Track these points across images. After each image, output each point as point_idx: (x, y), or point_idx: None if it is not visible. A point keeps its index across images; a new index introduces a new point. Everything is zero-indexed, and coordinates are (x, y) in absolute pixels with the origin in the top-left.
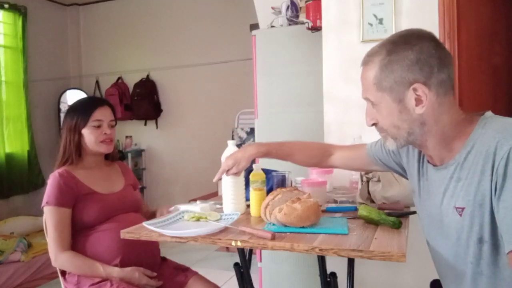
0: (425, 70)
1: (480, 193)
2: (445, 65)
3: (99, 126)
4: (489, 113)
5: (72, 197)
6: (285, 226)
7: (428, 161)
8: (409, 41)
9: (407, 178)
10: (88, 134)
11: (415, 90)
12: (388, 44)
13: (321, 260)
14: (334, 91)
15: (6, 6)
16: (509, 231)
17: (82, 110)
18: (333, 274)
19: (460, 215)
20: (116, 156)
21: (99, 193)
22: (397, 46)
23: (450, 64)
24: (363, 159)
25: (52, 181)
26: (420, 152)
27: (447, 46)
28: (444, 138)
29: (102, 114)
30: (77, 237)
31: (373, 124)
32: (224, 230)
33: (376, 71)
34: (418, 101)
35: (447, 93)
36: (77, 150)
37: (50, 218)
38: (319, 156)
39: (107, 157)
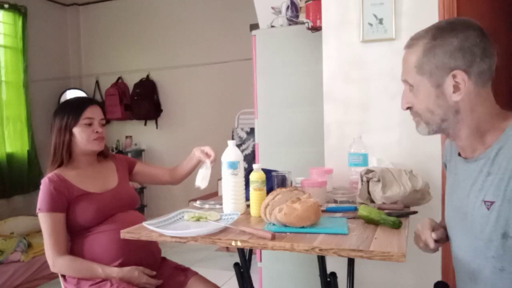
0: (467, 58)
1: (510, 189)
2: (488, 56)
3: (90, 124)
4: None
5: (64, 201)
6: (285, 226)
7: (459, 154)
8: (456, 28)
9: None
10: (79, 133)
11: (454, 76)
12: (434, 29)
13: (321, 260)
14: (334, 91)
15: (6, 6)
16: None
17: (72, 109)
18: (333, 274)
19: (488, 208)
20: (108, 153)
21: (92, 193)
22: (443, 31)
23: (494, 56)
24: None
25: (43, 187)
26: (451, 150)
27: None
28: (477, 129)
29: (93, 113)
30: (75, 240)
31: (408, 108)
32: (224, 230)
33: (419, 54)
34: (456, 88)
35: (485, 84)
36: (68, 150)
37: (44, 224)
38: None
39: (99, 154)
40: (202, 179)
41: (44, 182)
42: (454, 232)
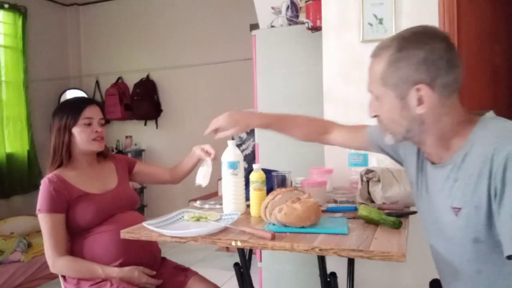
0: (431, 71)
1: (477, 195)
2: (453, 68)
3: (89, 124)
4: (490, 114)
5: (64, 202)
6: (285, 226)
7: (427, 158)
8: (421, 39)
9: (401, 165)
10: (79, 133)
11: (418, 90)
12: (400, 39)
13: (321, 260)
14: (334, 91)
15: (6, 6)
16: (509, 237)
17: (71, 109)
18: (333, 274)
19: (456, 215)
20: (107, 154)
21: (92, 194)
22: (408, 43)
23: (459, 67)
24: (363, 141)
25: (42, 188)
26: (417, 151)
27: None
28: (442, 137)
29: (92, 112)
30: (75, 241)
31: (375, 116)
32: (224, 230)
33: (384, 66)
34: (420, 101)
35: (451, 95)
36: (68, 151)
37: (44, 225)
38: (318, 132)
39: (99, 155)
40: (203, 177)
41: (44, 183)
42: (431, 235)
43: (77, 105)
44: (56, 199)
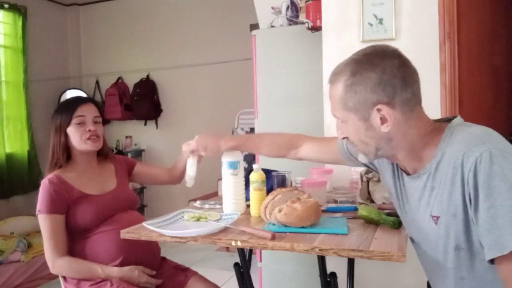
0: (387, 90)
1: (453, 203)
2: (409, 84)
3: (82, 123)
4: (456, 120)
5: (64, 203)
6: (285, 226)
7: (402, 169)
8: (372, 61)
9: (376, 172)
10: (73, 133)
11: (379, 110)
12: (352, 63)
13: (321, 260)
14: None
15: (6, 6)
16: (488, 241)
17: (65, 109)
18: (333, 274)
19: (436, 223)
20: (107, 153)
21: (91, 195)
22: (361, 66)
23: (415, 81)
24: (334, 153)
25: (42, 188)
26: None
27: (447, 46)
28: (412, 149)
29: (84, 111)
30: (75, 242)
31: (344, 138)
32: (224, 230)
33: (341, 91)
34: (383, 120)
35: (413, 109)
36: (65, 152)
37: (44, 226)
38: (286, 148)
39: (99, 155)
40: (187, 177)
41: (44, 184)
42: (415, 242)
43: (69, 105)
44: (56, 200)
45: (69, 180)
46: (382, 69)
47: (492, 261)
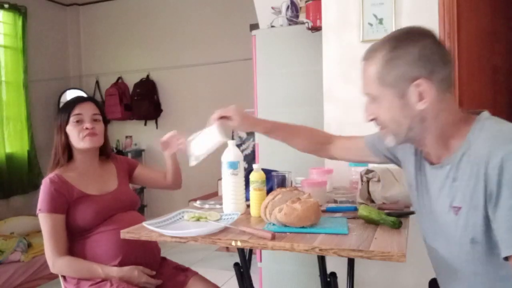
0: (428, 66)
1: (475, 196)
2: (446, 62)
3: (80, 121)
4: (485, 114)
5: (65, 203)
6: (285, 226)
7: (425, 158)
8: (412, 37)
9: (400, 167)
10: (71, 132)
11: (417, 85)
12: (391, 39)
13: (321, 260)
14: (334, 91)
15: (6, 6)
16: (507, 239)
17: (64, 109)
18: (333, 274)
19: (456, 214)
20: (109, 153)
21: (92, 195)
22: (401, 41)
23: (451, 62)
24: (361, 150)
25: (43, 187)
26: (415, 149)
27: (447, 46)
28: (442, 136)
29: (82, 109)
30: (75, 241)
31: (372, 120)
32: (224, 230)
33: (379, 66)
34: (421, 96)
35: (447, 90)
36: (66, 152)
37: (45, 225)
38: (321, 142)
39: (101, 154)
40: (197, 149)
41: (45, 183)
42: (429, 235)
43: (68, 105)
44: (57, 199)
45: (69, 179)
46: (423, 45)
47: (506, 258)
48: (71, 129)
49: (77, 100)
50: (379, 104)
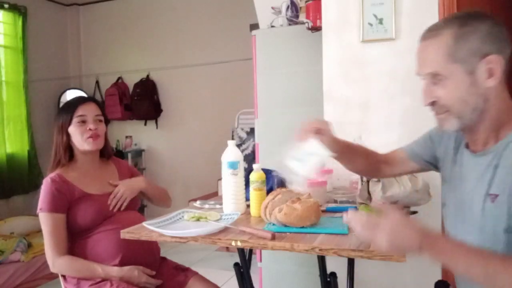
0: (497, 43)
1: None
2: (509, 42)
3: (83, 122)
4: None
5: (65, 202)
6: (285, 226)
7: (467, 147)
8: (479, 16)
9: (437, 171)
10: (74, 132)
11: (488, 62)
12: (457, 18)
13: (321, 260)
14: (334, 91)
15: (6, 6)
16: None
17: (66, 109)
18: (333, 274)
19: (493, 201)
20: (110, 154)
21: (93, 195)
22: (470, 19)
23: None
24: (404, 161)
25: (44, 187)
26: (456, 141)
27: None
28: (496, 121)
29: (85, 110)
30: (75, 241)
31: (431, 103)
32: (224, 230)
33: (449, 42)
34: (490, 73)
35: (505, 73)
36: (67, 152)
37: (45, 224)
38: (378, 162)
39: (102, 155)
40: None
41: (46, 182)
42: (458, 228)
43: (70, 105)
44: (58, 199)
45: (70, 179)
46: (490, 22)
47: None
48: (74, 130)
49: (80, 101)
50: (445, 83)
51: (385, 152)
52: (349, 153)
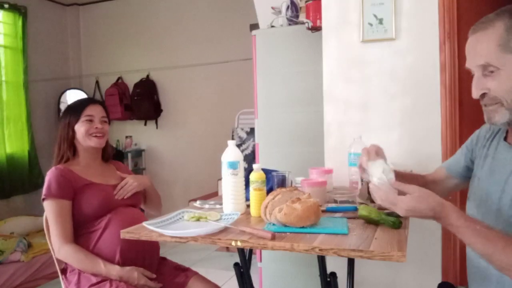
0: None
1: None
2: None
3: (90, 121)
4: None
5: (71, 189)
6: (285, 226)
7: (505, 139)
8: None
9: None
10: (79, 129)
11: None
12: (506, 11)
13: (321, 260)
14: (334, 91)
15: (6, 6)
16: None
17: (74, 108)
18: (333, 274)
19: None
20: (110, 155)
21: (97, 183)
22: None
23: None
24: (446, 178)
25: (50, 175)
26: (490, 136)
27: (447, 46)
28: None
29: (93, 110)
30: (78, 235)
31: (482, 95)
32: (224, 230)
33: (501, 32)
34: None
35: None
36: (71, 147)
37: (51, 211)
38: (427, 185)
39: (102, 156)
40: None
41: (51, 171)
42: (484, 219)
43: (79, 105)
44: (64, 185)
45: (75, 170)
46: None
47: None
48: (79, 127)
49: (89, 102)
50: (496, 74)
51: (428, 174)
52: (402, 179)
